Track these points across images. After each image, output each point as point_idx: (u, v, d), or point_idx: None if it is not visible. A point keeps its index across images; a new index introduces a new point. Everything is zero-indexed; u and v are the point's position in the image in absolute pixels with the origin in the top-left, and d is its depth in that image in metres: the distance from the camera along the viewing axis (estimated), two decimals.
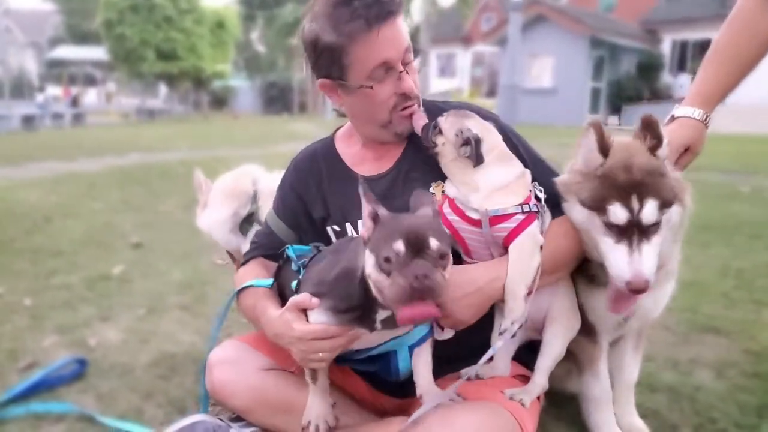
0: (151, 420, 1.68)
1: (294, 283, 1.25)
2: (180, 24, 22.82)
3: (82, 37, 35.32)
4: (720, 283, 2.93)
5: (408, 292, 0.91)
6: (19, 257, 3.44)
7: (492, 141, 1.25)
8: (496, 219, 1.19)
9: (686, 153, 1.33)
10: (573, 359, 1.40)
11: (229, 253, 2.04)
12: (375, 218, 1.01)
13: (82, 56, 32.59)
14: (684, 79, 19.73)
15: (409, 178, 1.34)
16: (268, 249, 1.45)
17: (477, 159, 1.20)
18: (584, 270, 1.31)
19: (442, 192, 1.30)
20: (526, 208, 1.19)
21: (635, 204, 1.11)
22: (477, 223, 1.21)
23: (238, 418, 1.44)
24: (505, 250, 1.20)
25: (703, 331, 2.33)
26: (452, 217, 1.24)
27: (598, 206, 1.15)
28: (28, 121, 15.46)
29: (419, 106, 1.35)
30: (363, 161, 1.41)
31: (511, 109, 9.59)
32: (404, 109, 1.32)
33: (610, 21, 20.55)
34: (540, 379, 1.28)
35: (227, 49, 25.42)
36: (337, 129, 1.53)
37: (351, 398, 1.41)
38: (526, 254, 1.18)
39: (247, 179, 1.94)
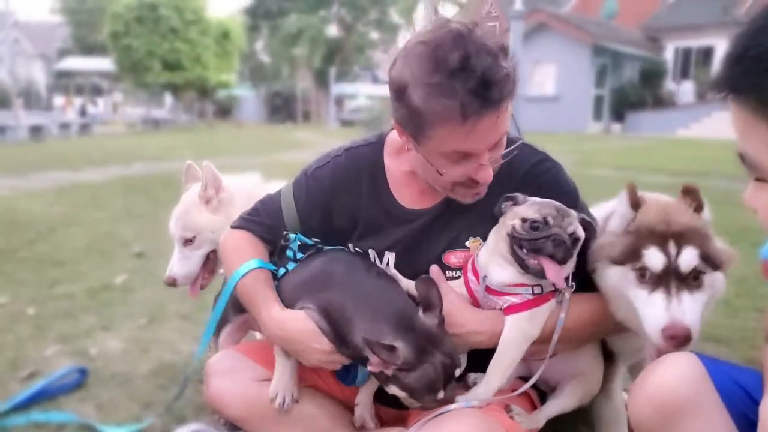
0: (149, 429, 1.68)
1: (281, 271, 1.30)
2: (185, 35, 23.01)
3: (90, 49, 35.66)
4: None
5: None
6: (23, 267, 3.47)
7: None
8: (500, 292, 1.16)
9: None
10: None
11: None
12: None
13: (90, 67, 32.91)
14: (687, 85, 19.70)
15: (448, 223, 1.27)
16: (268, 233, 1.36)
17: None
18: None
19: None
20: (537, 290, 1.14)
21: (672, 249, 1.01)
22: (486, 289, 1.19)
23: (236, 427, 1.44)
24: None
25: (705, 340, 2.31)
26: (470, 276, 1.22)
27: (631, 257, 1.04)
28: (36, 131, 15.60)
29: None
30: (407, 186, 1.31)
31: (513, 116, 9.62)
32: (472, 190, 1.20)
33: (613, 28, 20.61)
34: (541, 419, 1.27)
35: (232, 59, 25.58)
36: (390, 131, 1.34)
37: (349, 409, 1.41)
38: (516, 342, 1.15)
39: (266, 188, 1.90)
